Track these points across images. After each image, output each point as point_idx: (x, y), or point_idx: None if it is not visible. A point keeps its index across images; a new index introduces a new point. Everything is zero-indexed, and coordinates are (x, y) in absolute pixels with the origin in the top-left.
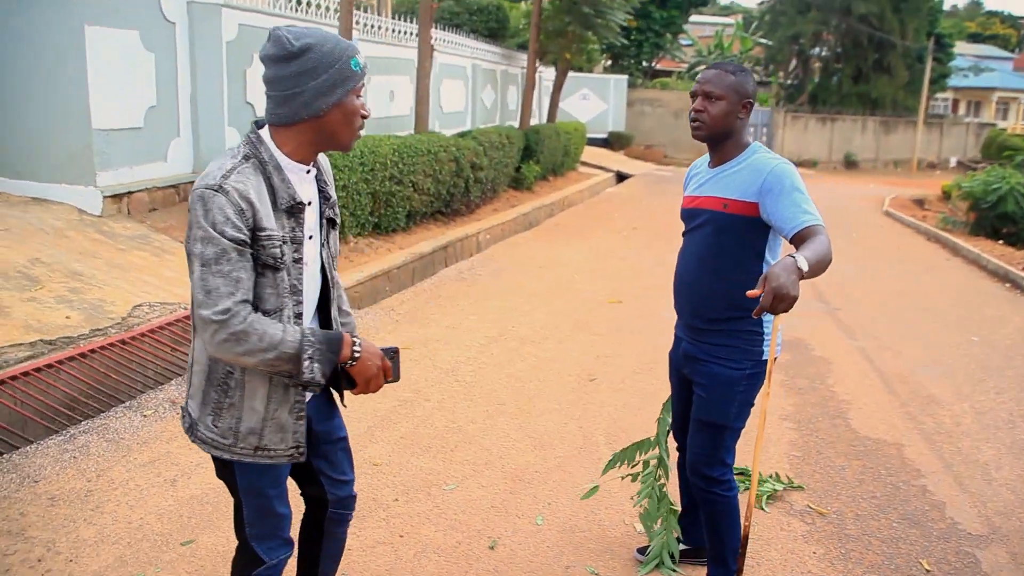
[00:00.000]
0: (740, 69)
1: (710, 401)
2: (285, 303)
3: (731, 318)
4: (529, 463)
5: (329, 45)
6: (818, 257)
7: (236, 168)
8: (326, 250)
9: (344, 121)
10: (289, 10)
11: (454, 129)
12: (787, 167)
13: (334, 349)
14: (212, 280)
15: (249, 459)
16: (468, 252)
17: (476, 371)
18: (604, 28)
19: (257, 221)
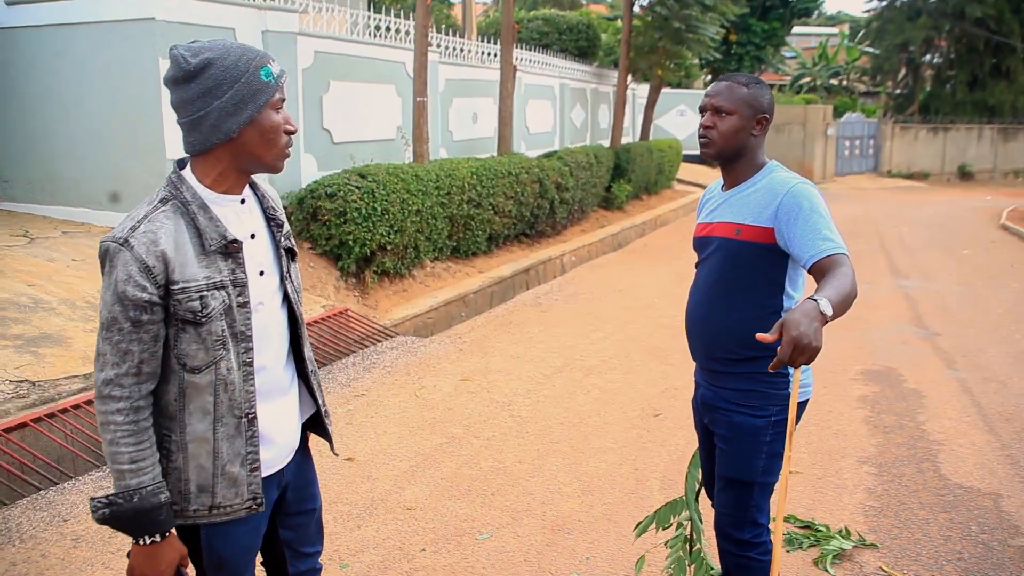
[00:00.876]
0: (755, 81)
1: (733, 455)
2: (220, 355)
3: (749, 359)
4: (573, 510)
5: (232, 58)
6: (843, 296)
7: (148, 216)
8: (289, 284)
9: (262, 141)
10: (367, 35)
11: (541, 149)
12: (807, 187)
13: (139, 525)
14: (101, 345)
15: (205, 520)
16: (551, 275)
17: (533, 405)
18: (696, 43)
19: (170, 275)
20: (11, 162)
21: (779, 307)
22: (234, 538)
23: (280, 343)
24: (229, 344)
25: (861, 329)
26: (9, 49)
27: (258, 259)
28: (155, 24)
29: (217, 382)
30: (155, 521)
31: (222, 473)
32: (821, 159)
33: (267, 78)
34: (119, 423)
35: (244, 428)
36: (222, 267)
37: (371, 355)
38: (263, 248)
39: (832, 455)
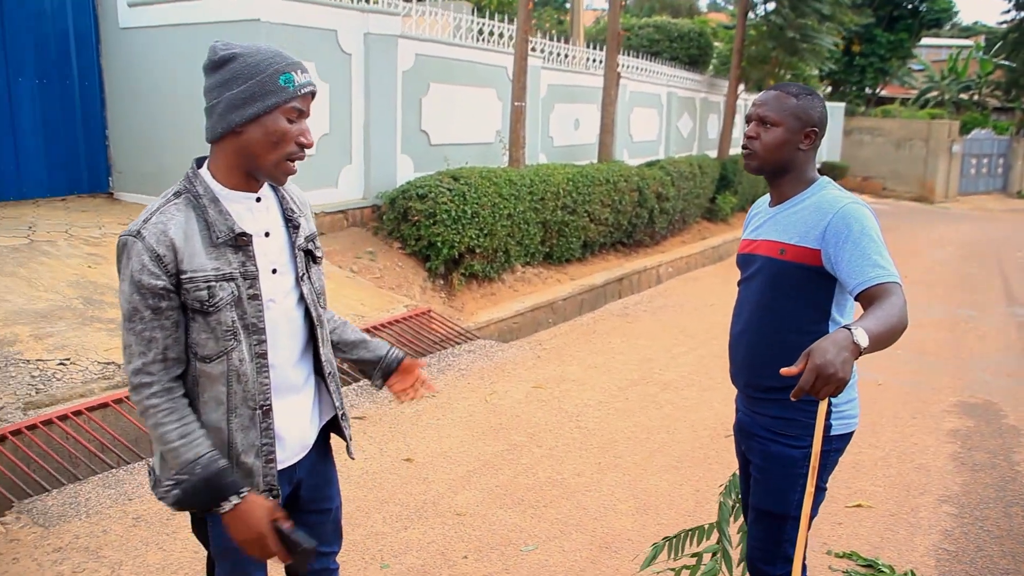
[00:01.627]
0: (806, 92)
1: (768, 486)
2: (230, 346)
3: (790, 386)
4: (624, 529)
5: (257, 57)
6: (885, 327)
7: (160, 208)
8: (306, 285)
9: (263, 142)
10: (470, 39)
11: (645, 158)
12: (859, 208)
13: (213, 496)
14: (126, 337)
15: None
16: (645, 285)
17: (602, 417)
18: (811, 53)
19: (180, 264)
20: (125, 155)
21: (824, 333)
22: None
23: (293, 341)
24: (241, 335)
25: (963, 358)
26: (127, 48)
27: (271, 257)
28: (260, 25)
29: (230, 372)
30: (226, 484)
31: (237, 464)
32: (944, 177)
33: (285, 84)
34: (157, 405)
35: (259, 420)
36: (231, 259)
37: (448, 357)
38: (277, 247)
39: (910, 491)
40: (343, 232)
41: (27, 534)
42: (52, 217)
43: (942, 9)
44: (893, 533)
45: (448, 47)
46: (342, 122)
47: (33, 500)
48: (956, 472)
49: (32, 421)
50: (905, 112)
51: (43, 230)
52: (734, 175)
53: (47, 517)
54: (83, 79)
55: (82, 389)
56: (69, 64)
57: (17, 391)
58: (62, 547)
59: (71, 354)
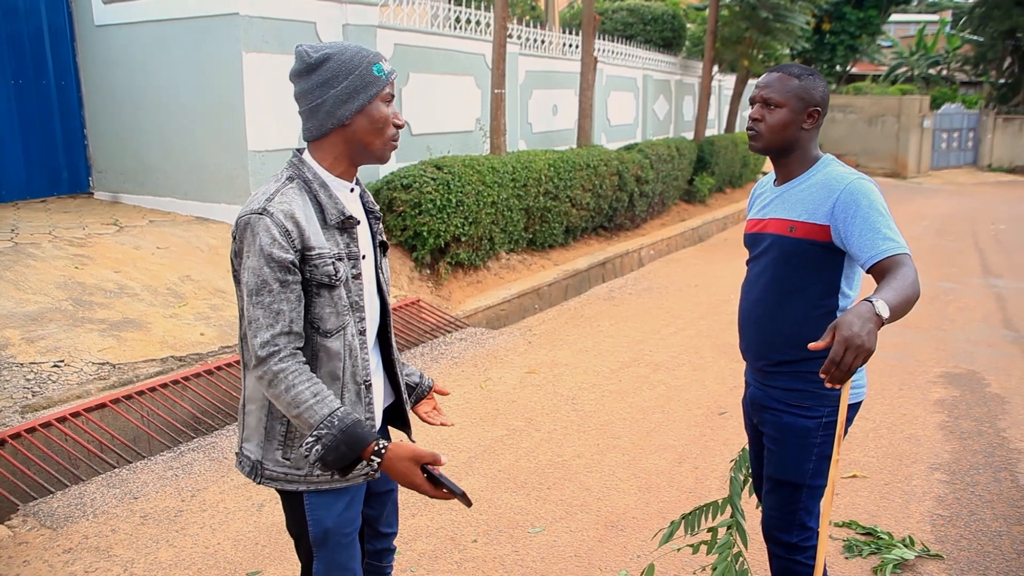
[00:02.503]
0: (808, 72)
1: (782, 456)
2: (347, 321)
3: (802, 359)
4: (628, 507)
5: (348, 54)
6: (902, 298)
7: (279, 191)
8: (381, 272)
9: (371, 129)
10: (447, 28)
11: (622, 142)
12: (865, 183)
13: (351, 444)
14: (253, 311)
15: (326, 485)
16: (629, 268)
17: (597, 400)
18: (784, 33)
19: (305, 241)
20: (105, 153)
21: (834, 307)
22: (338, 508)
23: (375, 324)
24: (351, 312)
25: (945, 329)
26: (104, 45)
27: (363, 242)
28: (238, 19)
29: (345, 347)
30: (364, 433)
31: None
32: (916, 152)
33: (379, 73)
34: (287, 369)
35: (363, 395)
36: (339, 241)
37: (440, 346)
38: (365, 235)
39: (903, 460)
40: None
41: (35, 536)
42: (34, 219)
43: None
44: (889, 501)
45: (426, 36)
46: None
47: (38, 503)
48: (945, 440)
49: (31, 424)
50: (876, 89)
51: (26, 232)
52: (711, 156)
53: (54, 519)
54: (60, 78)
55: (78, 391)
56: (45, 63)
57: (13, 395)
58: (72, 548)
59: (64, 356)
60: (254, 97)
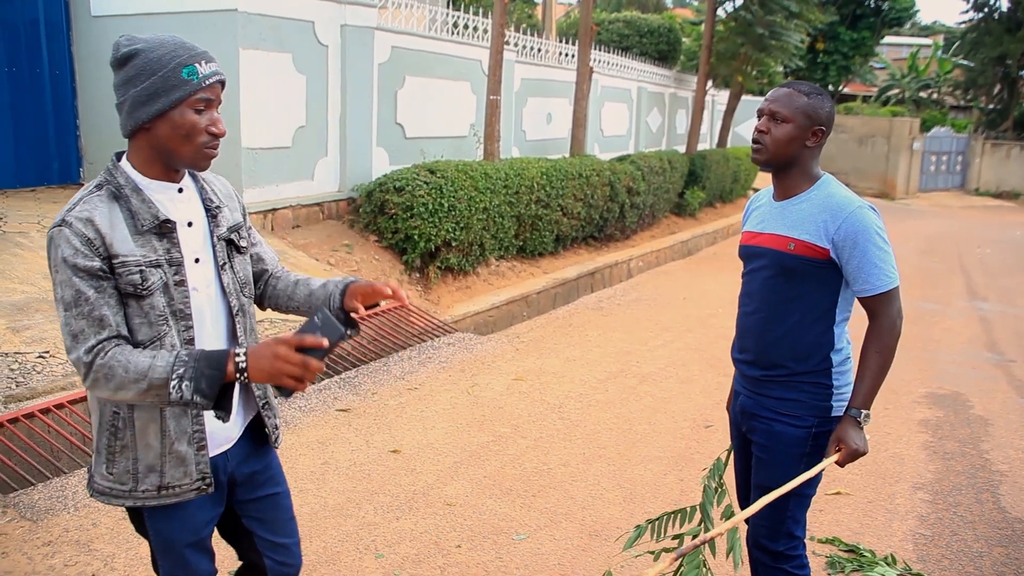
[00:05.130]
0: (816, 91)
1: (771, 464)
2: (163, 331)
3: (797, 371)
4: (612, 517)
5: (160, 52)
6: (877, 379)
7: (83, 199)
8: (228, 275)
9: (175, 136)
10: (445, 32)
11: (615, 153)
12: (869, 214)
13: (214, 364)
14: (76, 323)
15: (154, 501)
16: (617, 279)
17: (584, 409)
18: (779, 50)
19: (109, 248)
20: (96, 145)
21: (831, 319)
22: (178, 521)
23: (215, 330)
24: (171, 321)
25: (930, 351)
26: (100, 37)
27: (193, 247)
28: (237, 15)
29: None
30: (218, 352)
31: (170, 452)
32: (905, 174)
33: (188, 76)
34: (117, 352)
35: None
36: (157, 246)
37: (428, 350)
38: (200, 236)
39: (886, 478)
40: (319, 225)
41: (15, 528)
42: (23, 208)
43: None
44: (872, 519)
45: (424, 40)
46: (318, 114)
47: (19, 494)
48: (928, 460)
49: (14, 415)
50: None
51: (14, 221)
52: (702, 170)
53: (34, 511)
54: (54, 68)
55: (63, 382)
56: (39, 53)
57: None
58: (52, 541)
59: (50, 347)
60: (249, 94)
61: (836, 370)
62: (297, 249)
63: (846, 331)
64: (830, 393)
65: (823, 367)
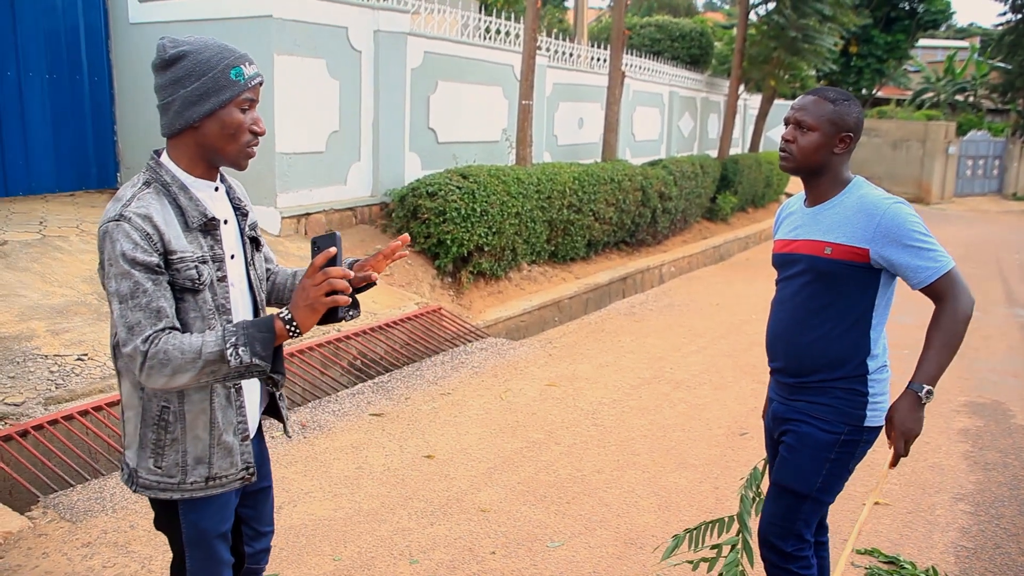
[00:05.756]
0: (843, 98)
1: (794, 464)
2: (212, 324)
3: (832, 377)
4: (647, 525)
5: (207, 53)
6: (944, 358)
7: (136, 196)
8: (253, 270)
9: (223, 135)
10: (477, 37)
11: (646, 157)
12: (903, 208)
13: (263, 328)
14: (132, 315)
15: (201, 492)
16: (649, 284)
17: (617, 415)
18: (812, 54)
19: (167, 244)
20: (133, 150)
21: (867, 324)
22: (212, 511)
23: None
24: (216, 315)
25: (969, 358)
26: (137, 43)
27: (229, 243)
28: (272, 21)
29: None
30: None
31: (218, 443)
32: (940, 178)
33: (236, 77)
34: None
35: (233, 398)
36: (203, 243)
37: (460, 355)
38: (233, 234)
39: (926, 489)
40: (352, 229)
41: (55, 529)
42: (62, 212)
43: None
44: (911, 530)
45: (456, 45)
46: (351, 119)
47: (58, 495)
48: (969, 471)
49: (53, 416)
50: (901, 113)
51: (54, 225)
52: (734, 175)
53: (73, 512)
54: (93, 74)
55: (100, 385)
56: (79, 59)
57: (37, 386)
58: (91, 542)
59: (88, 349)
60: (284, 99)
61: (872, 377)
62: None
63: (883, 337)
64: (864, 401)
65: (858, 373)
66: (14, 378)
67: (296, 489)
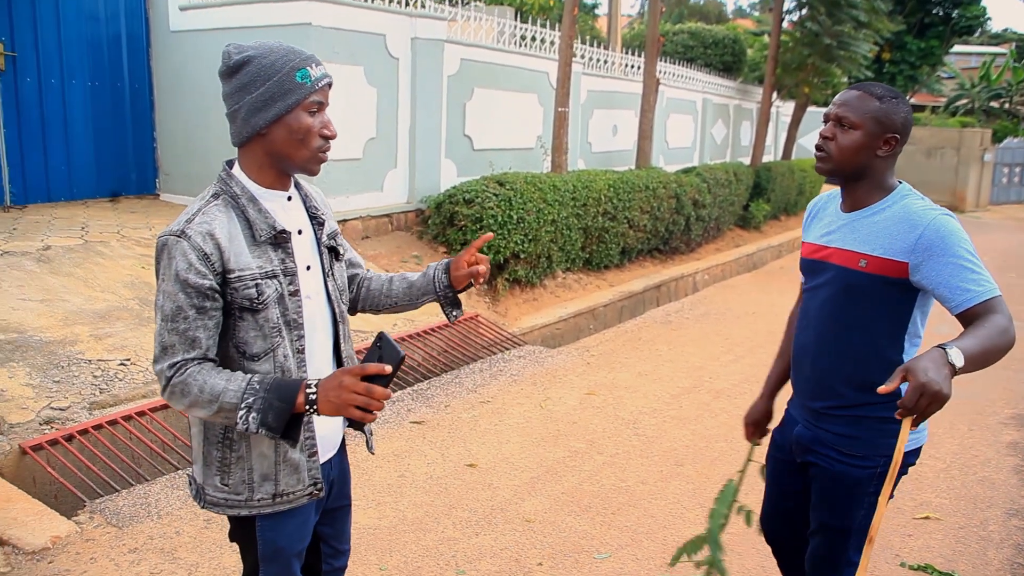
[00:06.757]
0: (891, 94)
1: (833, 504)
2: (277, 343)
3: (861, 403)
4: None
5: (272, 57)
6: (984, 347)
7: (202, 209)
8: (331, 281)
9: (291, 140)
10: (513, 45)
11: (680, 164)
12: (950, 221)
13: (284, 396)
14: (168, 337)
15: (269, 509)
16: (683, 292)
17: (659, 425)
18: (847, 60)
19: (226, 263)
20: (172, 156)
21: (900, 349)
22: (290, 527)
23: (324, 337)
24: (284, 332)
25: (1014, 370)
26: (177, 51)
27: (304, 254)
28: (311, 29)
29: (276, 370)
30: (291, 382)
31: (284, 460)
32: (975, 186)
33: (302, 80)
34: (194, 371)
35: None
36: (273, 257)
37: (498, 362)
38: (308, 244)
39: (977, 503)
40: (388, 236)
41: (102, 534)
42: (103, 218)
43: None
44: (964, 546)
45: (492, 52)
46: (389, 126)
47: (104, 500)
48: (1021, 485)
49: (98, 421)
50: (935, 120)
51: (96, 231)
52: (767, 183)
53: (120, 517)
54: (133, 82)
55: (143, 390)
56: (120, 67)
57: (82, 391)
58: (137, 548)
59: (131, 355)
60: None
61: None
62: (367, 260)
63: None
64: (898, 429)
65: (890, 397)
66: (59, 382)
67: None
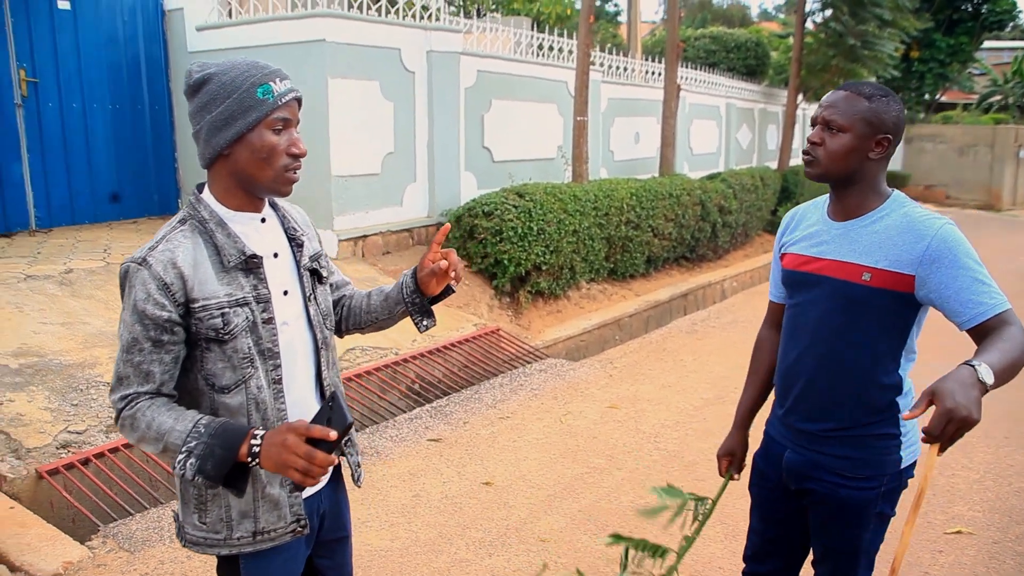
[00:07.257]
0: (880, 93)
1: (839, 529)
2: (248, 374)
3: (861, 423)
4: (714, 556)
5: (232, 74)
6: (1009, 362)
7: (167, 236)
8: (313, 306)
9: (254, 160)
10: (530, 55)
11: (705, 171)
12: (956, 230)
13: (227, 444)
14: (123, 368)
15: (250, 548)
16: (711, 300)
17: (681, 439)
18: (873, 60)
19: (189, 293)
20: (193, 177)
21: (898, 365)
22: (275, 565)
23: (306, 364)
24: (257, 362)
25: None
26: None
27: (281, 278)
28: (325, 45)
29: (248, 402)
30: (236, 429)
31: (263, 496)
32: (1011, 184)
33: (264, 95)
34: (144, 405)
35: None
36: (243, 283)
37: (519, 376)
38: (286, 268)
39: (1012, 516)
40: (409, 251)
41: (114, 559)
42: (125, 240)
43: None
44: (1000, 563)
45: (509, 63)
46: (406, 140)
47: (117, 524)
48: None
49: (114, 444)
50: (967, 118)
51: (118, 252)
52: (795, 187)
53: (132, 541)
54: (153, 104)
55: None
56: (140, 90)
57: (99, 413)
58: (148, 573)
59: None
60: (338, 122)
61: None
62: (388, 275)
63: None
64: (899, 443)
65: (890, 414)
66: (77, 405)
67: (353, 518)
